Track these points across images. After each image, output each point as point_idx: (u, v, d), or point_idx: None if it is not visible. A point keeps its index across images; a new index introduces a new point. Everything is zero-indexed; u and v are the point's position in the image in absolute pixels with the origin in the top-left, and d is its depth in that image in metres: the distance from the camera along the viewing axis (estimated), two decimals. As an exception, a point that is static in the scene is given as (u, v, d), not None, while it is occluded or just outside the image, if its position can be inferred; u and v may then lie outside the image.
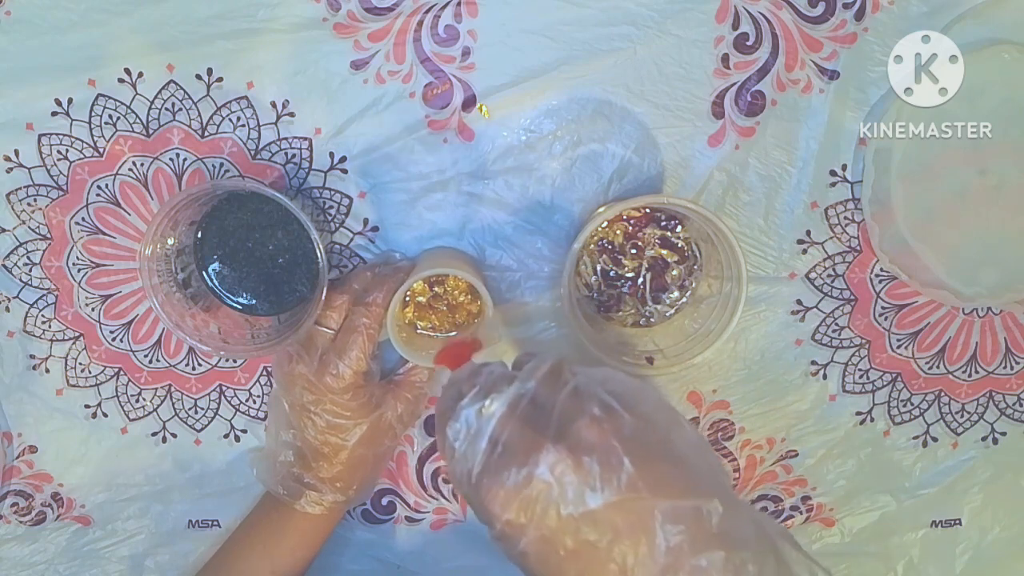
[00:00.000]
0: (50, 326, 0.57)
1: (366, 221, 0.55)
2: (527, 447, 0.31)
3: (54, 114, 0.53)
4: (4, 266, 0.56)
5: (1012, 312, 0.57)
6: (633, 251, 0.54)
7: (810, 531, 0.61)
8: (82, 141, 0.54)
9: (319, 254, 0.47)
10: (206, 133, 0.54)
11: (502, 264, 0.55)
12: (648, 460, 0.31)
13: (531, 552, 0.31)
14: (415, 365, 0.54)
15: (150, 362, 0.58)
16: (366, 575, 0.61)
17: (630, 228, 0.54)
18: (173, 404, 0.59)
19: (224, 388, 0.58)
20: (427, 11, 0.51)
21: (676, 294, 0.54)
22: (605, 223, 0.53)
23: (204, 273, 0.52)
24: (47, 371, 0.58)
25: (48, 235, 0.56)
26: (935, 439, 0.60)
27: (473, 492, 0.32)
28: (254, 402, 0.59)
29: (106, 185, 0.55)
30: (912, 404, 0.59)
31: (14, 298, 0.57)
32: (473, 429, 0.33)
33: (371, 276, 0.52)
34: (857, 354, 0.58)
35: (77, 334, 0.58)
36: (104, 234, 0.56)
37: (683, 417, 0.36)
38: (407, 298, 0.53)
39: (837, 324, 0.57)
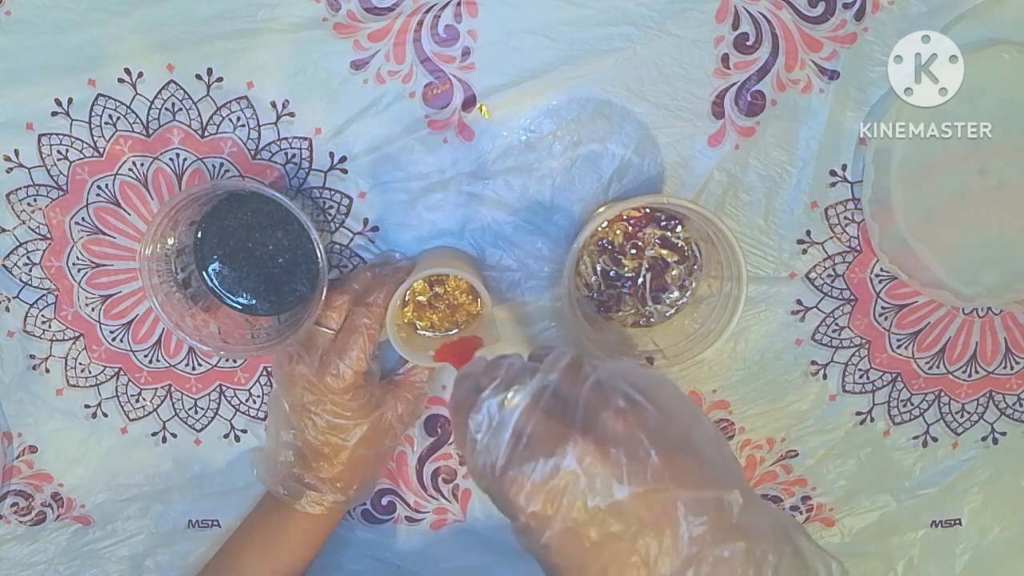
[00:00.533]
0: (50, 326, 0.57)
1: (366, 221, 0.55)
2: (553, 439, 0.31)
3: (54, 114, 0.53)
4: (4, 266, 0.56)
5: (1012, 312, 0.57)
6: (633, 251, 0.54)
7: (810, 531, 0.60)
8: (82, 141, 0.54)
9: (319, 254, 0.47)
10: (206, 133, 0.54)
11: (502, 264, 0.55)
12: (671, 452, 0.31)
13: (554, 545, 0.31)
14: (415, 365, 0.54)
15: (150, 362, 0.58)
16: (366, 575, 0.61)
17: (630, 228, 0.54)
18: (173, 404, 0.59)
19: (224, 388, 0.58)
20: (427, 11, 0.51)
21: (676, 294, 0.54)
22: (605, 223, 0.53)
23: (204, 273, 0.52)
24: (47, 371, 0.58)
25: (48, 235, 0.56)
26: (935, 439, 0.60)
27: (497, 485, 0.32)
28: (254, 402, 0.59)
29: (106, 185, 0.55)
30: (912, 404, 0.59)
31: (14, 298, 0.57)
32: (496, 421, 0.33)
33: (371, 276, 0.52)
34: (857, 354, 0.58)
35: (77, 334, 0.58)
36: (104, 234, 0.56)
37: (700, 410, 0.36)
38: (407, 297, 0.53)
39: (837, 324, 0.57)
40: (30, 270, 0.56)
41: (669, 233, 0.54)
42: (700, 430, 0.33)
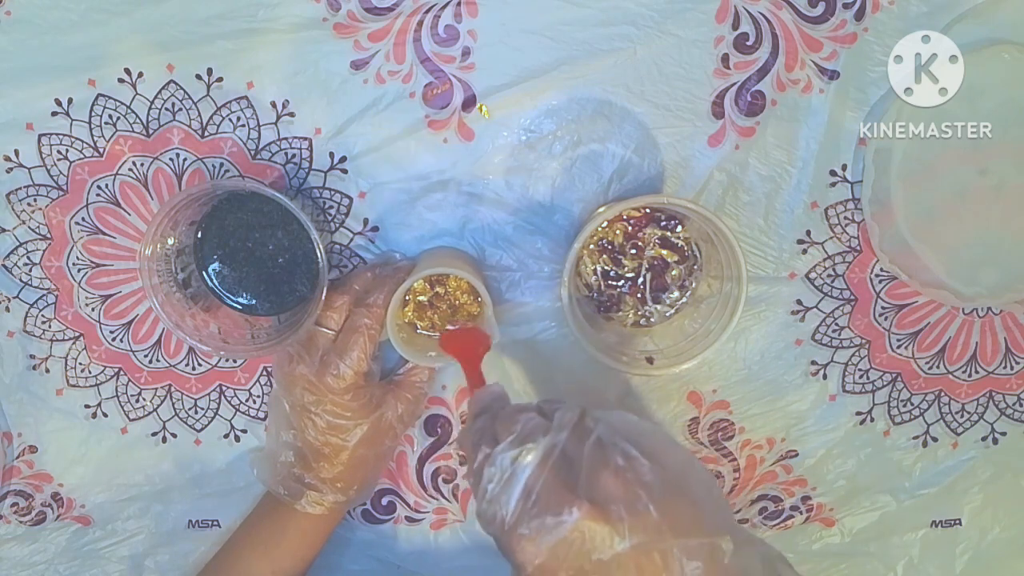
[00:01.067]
0: (50, 326, 0.57)
1: (366, 221, 0.55)
2: (560, 498, 0.34)
3: (54, 114, 0.53)
4: (4, 266, 0.56)
5: (1012, 312, 0.57)
6: (633, 251, 0.54)
7: (810, 531, 0.61)
8: (82, 141, 0.54)
9: (319, 254, 0.47)
10: (206, 133, 0.54)
11: (502, 264, 0.55)
12: (667, 502, 0.34)
13: None
14: (415, 365, 0.54)
15: (150, 362, 0.58)
16: (366, 575, 0.62)
17: (630, 228, 0.54)
18: (173, 404, 0.59)
19: (224, 388, 0.58)
20: (427, 11, 0.51)
21: (676, 294, 0.54)
22: (605, 223, 0.53)
23: (204, 273, 0.52)
24: (47, 371, 0.58)
25: (48, 235, 0.56)
26: (935, 439, 0.60)
27: (505, 537, 0.35)
28: (254, 402, 0.59)
29: (106, 185, 0.55)
30: (912, 404, 0.59)
31: (14, 298, 0.57)
32: (507, 474, 0.35)
33: (371, 277, 0.52)
34: (857, 354, 0.58)
35: (77, 334, 0.58)
36: (104, 234, 0.56)
37: (692, 455, 0.39)
38: (407, 297, 0.53)
39: (837, 324, 0.57)
40: (30, 270, 0.56)
41: (669, 233, 0.54)
42: (694, 476, 0.36)
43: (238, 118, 0.53)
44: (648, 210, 0.53)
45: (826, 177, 0.54)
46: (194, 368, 0.58)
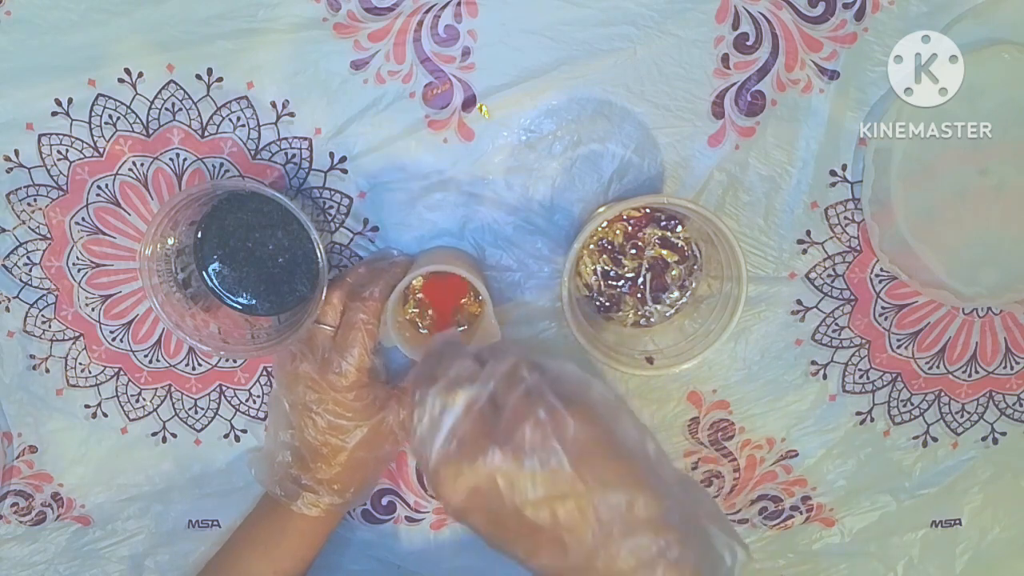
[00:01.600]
0: (50, 326, 0.57)
1: (366, 221, 0.55)
2: (478, 445, 0.36)
3: (54, 114, 0.53)
4: (4, 266, 0.56)
5: (1012, 312, 0.57)
6: (633, 251, 0.54)
7: (810, 531, 0.61)
8: (82, 141, 0.54)
9: (319, 254, 0.47)
10: (206, 133, 0.54)
11: (502, 264, 0.55)
12: (586, 457, 0.35)
13: (482, 530, 0.37)
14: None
15: (150, 362, 0.58)
16: (366, 575, 0.62)
17: (630, 228, 0.54)
18: (173, 404, 0.59)
19: (224, 388, 0.58)
20: (427, 11, 0.51)
21: (676, 294, 0.54)
22: (605, 223, 0.53)
23: (204, 273, 0.52)
24: (47, 371, 0.58)
25: (48, 235, 0.56)
26: (935, 439, 0.60)
27: (429, 475, 0.37)
28: (254, 402, 0.59)
29: (106, 185, 0.55)
30: (912, 404, 0.59)
31: (14, 298, 0.57)
32: (435, 418, 0.38)
33: (365, 271, 0.52)
34: (857, 354, 0.58)
35: (77, 334, 0.58)
36: (104, 234, 0.56)
37: (627, 408, 0.39)
38: (408, 295, 0.53)
39: (837, 324, 0.57)
40: (30, 270, 0.56)
41: (669, 233, 0.54)
42: (622, 430, 0.38)
43: (238, 118, 0.53)
44: (648, 210, 0.53)
45: (826, 177, 0.54)
46: (194, 368, 0.58)
